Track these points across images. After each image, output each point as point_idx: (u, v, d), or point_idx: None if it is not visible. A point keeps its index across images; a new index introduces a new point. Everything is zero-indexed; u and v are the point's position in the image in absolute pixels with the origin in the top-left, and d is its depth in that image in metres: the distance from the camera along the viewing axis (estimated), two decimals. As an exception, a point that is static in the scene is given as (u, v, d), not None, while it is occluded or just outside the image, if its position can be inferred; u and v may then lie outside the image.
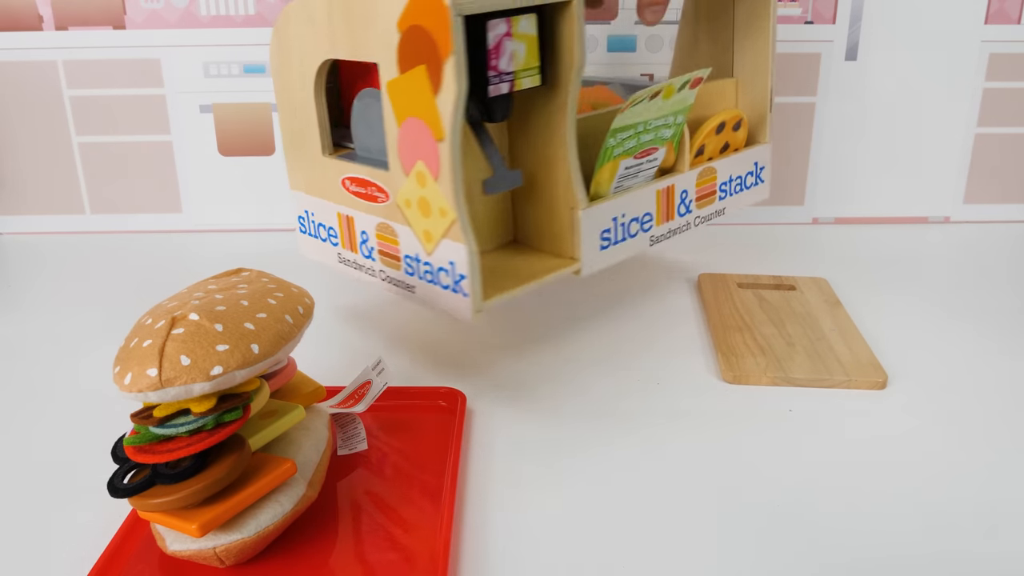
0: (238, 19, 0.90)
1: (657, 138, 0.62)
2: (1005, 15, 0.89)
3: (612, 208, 0.62)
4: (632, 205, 0.63)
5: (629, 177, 0.62)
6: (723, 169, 0.70)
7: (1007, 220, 0.97)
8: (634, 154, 0.61)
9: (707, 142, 0.68)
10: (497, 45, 0.52)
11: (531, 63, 0.55)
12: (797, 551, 0.46)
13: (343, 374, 0.65)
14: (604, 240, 0.62)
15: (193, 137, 0.94)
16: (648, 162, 0.63)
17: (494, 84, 0.53)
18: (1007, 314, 0.74)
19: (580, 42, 0.54)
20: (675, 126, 0.63)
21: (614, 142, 0.59)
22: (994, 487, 0.51)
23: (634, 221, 0.64)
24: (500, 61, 0.53)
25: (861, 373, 0.62)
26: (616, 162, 0.60)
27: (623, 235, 0.64)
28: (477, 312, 0.54)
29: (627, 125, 0.59)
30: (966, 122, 0.93)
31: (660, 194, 0.65)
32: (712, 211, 0.71)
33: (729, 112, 0.70)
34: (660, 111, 0.60)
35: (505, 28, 0.52)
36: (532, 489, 0.52)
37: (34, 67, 0.91)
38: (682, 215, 0.67)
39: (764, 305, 0.74)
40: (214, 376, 0.41)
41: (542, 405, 0.61)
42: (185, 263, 0.89)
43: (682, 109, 0.62)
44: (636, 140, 0.60)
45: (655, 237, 0.66)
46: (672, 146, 0.65)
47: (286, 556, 0.46)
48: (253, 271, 0.51)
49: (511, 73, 0.54)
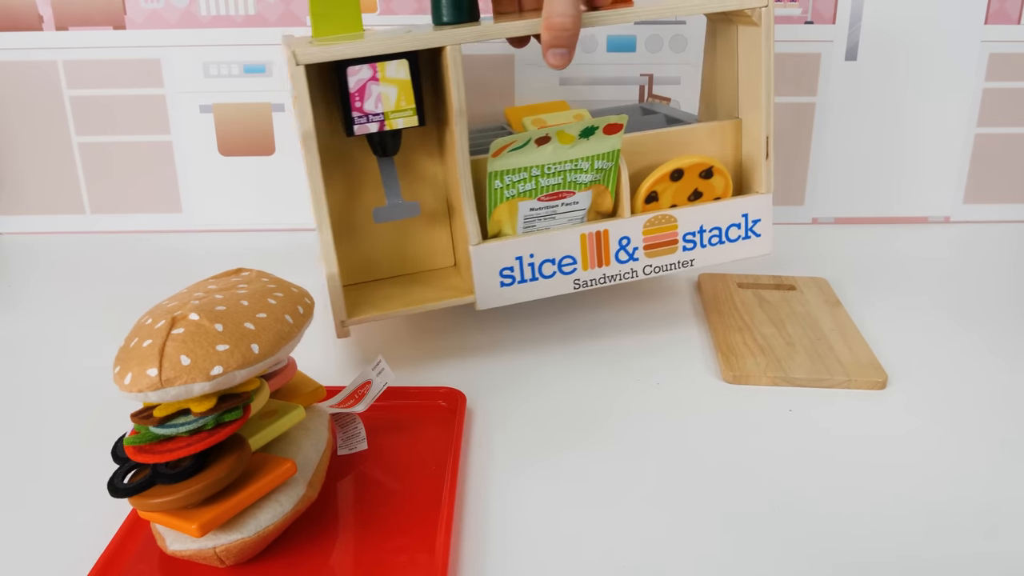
0: (238, 19, 0.90)
1: (571, 182, 0.62)
2: (1005, 15, 0.89)
3: (514, 247, 0.63)
4: (545, 246, 0.63)
5: (543, 219, 0.63)
6: (687, 218, 0.65)
7: (1007, 220, 0.97)
8: (536, 196, 0.62)
9: (659, 189, 0.65)
10: (361, 89, 0.59)
11: (405, 105, 0.60)
12: (796, 551, 0.46)
13: (343, 374, 0.65)
14: (505, 278, 0.63)
15: (193, 137, 0.94)
16: (565, 205, 0.63)
17: (360, 124, 0.60)
18: (1007, 314, 0.74)
19: (458, 86, 0.59)
20: (598, 171, 0.62)
21: (500, 184, 0.61)
22: (994, 487, 0.51)
23: (548, 262, 0.64)
24: (365, 103, 0.59)
25: (861, 373, 0.62)
26: (513, 203, 0.62)
27: (533, 275, 0.64)
28: (342, 326, 0.62)
29: (514, 168, 0.61)
30: (966, 122, 0.93)
31: (586, 238, 0.64)
32: (673, 261, 0.66)
33: (690, 158, 0.65)
34: (558, 156, 0.61)
35: (370, 73, 0.59)
36: (532, 489, 0.52)
37: (34, 67, 0.91)
38: (623, 262, 0.65)
39: (764, 305, 0.74)
40: (214, 376, 0.41)
41: (542, 405, 0.61)
42: (185, 263, 0.89)
43: (604, 155, 0.62)
44: (534, 183, 0.61)
45: (581, 281, 0.65)
46: (609, 191, 0.64)
47: (286, 556, 0.46)
48: (253, 271, 0.51)
49: (380, 114, 0.60)
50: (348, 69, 0.58)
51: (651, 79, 0.92)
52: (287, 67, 0.57)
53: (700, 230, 0.66)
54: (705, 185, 0.66)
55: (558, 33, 0.58)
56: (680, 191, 0.65)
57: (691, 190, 0.65)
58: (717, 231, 0.66)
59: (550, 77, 0.91)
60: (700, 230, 0.66)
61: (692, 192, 0.66)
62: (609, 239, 0.64)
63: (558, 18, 0.58)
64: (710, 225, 0.66)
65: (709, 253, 0.67)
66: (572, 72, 0.91)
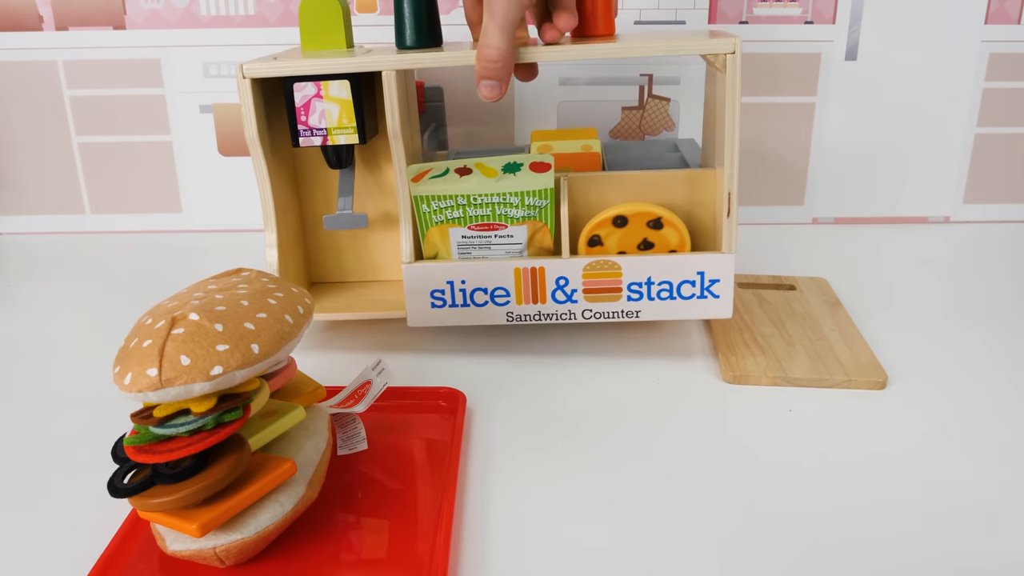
0: (238, 19, 0.90)
1: (501, 215, 0.62)
2: (1005, 15, 0.89)
3: (445, 271, 0.64)
4: (477, 275, 0.64)
5: (478, 247, 0.64)
6: (633, 267, 0.63)
7: (1007, 220, 0.97)
8: (467, 225, 0.63)
9: (603, 233, 0.63)
10: (306, 104, 0.63)
11: (346, 123, 0.63)
12: (797, 551, 0.46)
13: (343, 374, 0.65)
14: (436, 299, 0.65)
15: (193, 137, 0.94)
16: (499, 237, 0.63)
17: (304, 136, 0.64)
18: (1007, 314, 0.74)
19: (393, 108, 0.61)
20: (531, 207, 0.62)
21: (427, 208, 0.63)
22: (994, 487, 0.51)
23: (480, 291, 0.64)
24: (310, 118, 0.63)
25: (861, 373, 0.62)
26: (444, 228, 0.63)
27: (464, 301, 0.64)
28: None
29: (439, 195, 0.62)
30: (966, 122, 0.93)
31: (520, 272, 0.63)
32: (616, 309, 0.64)
33: (636, 206, 0.63)
34: (483, 188, 0.62)
35: (315, 90, 0.62)
36: (532, 489, 0.52)
37: (34, 67, 0.91)
38: (560, 302, 0.64)
39: (764, 305, 0.74)
40: (214, 376, 0.41)
41: (542, 405, 0.61)
42: (185, 263, 0.89)
43: (535, 191, 0.62)
44: (461, 212, 0.63)
45: (515, 315, 0.65)
46: (549, 229, 0.64)
47: (286, 556, 0.46)
48: (253, 271, 0.51)
49: (323, 129, 0.64)
50: (294, 85, 0.62)
51: (651, 79, 0.92)
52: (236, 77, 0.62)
53: (648, 282, 0.63)
54: (656, 236, 0.63)
55: (486, 64, 0.58)
56: (627, 238, 0.63)
57: (640, 239, 0.63)
58: (667, 285, 0.63)
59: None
60: (648, 282, 0.63)
61: (641, 241, 0.63)
62: (546, 277, 0.63)
63: (486, 49, 0.58)
64: (659, 278, 0.63)
65: (657, 307, 0.64)
66: (573, 72, 0.91)
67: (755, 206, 0.97)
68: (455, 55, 0.61)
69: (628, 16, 0.90)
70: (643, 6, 0.88)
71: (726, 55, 0.59)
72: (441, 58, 0.61)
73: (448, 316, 0.65)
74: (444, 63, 0.61)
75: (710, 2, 0.89)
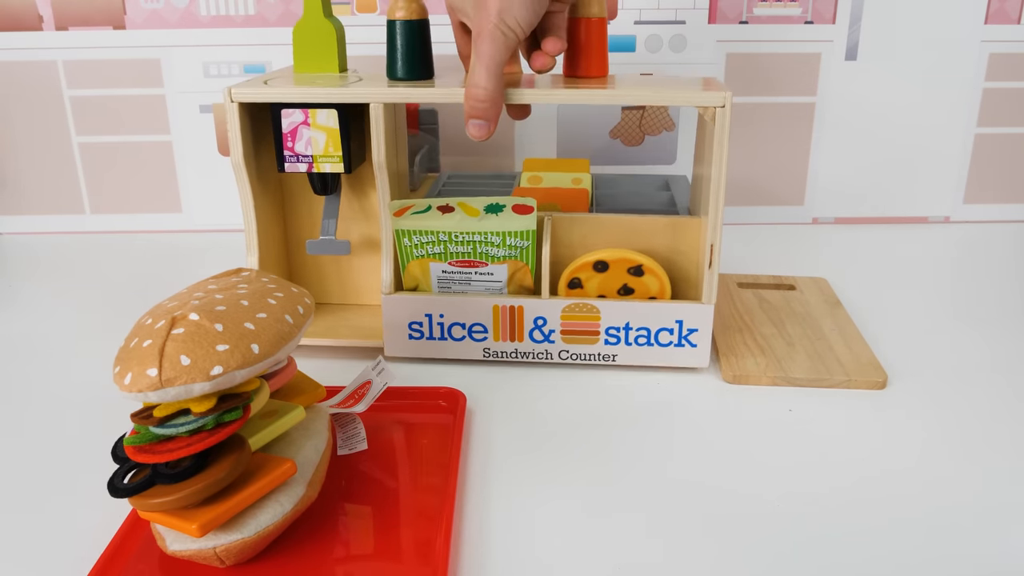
0: (238, 19, 0.90)
1: (482, 253, 0.63)
2: (1005, 15, 0.89)
3: (424, 304, 0.64)
4: (455, 310, 0.64)
5: (458, 283, 0.64)
6: (611, 312, 0.63)
7: (1007, 220, 0.97)
8: (447, 260, 0.63)
9: (583, 277, 0.63)
10: (293, 131, 0.63)
11: (332, 152, 0.63)
12: (796, 551, 0.46)
13: (343, 374, 0.65)
14: (414, 331, 0.65)
15: (193, 137, 0.94)
16: (479, 274, 0.63)
17: (290, 162, 0.64)
18: (1007, 314, 0.74)
19: (380, 142, 0.62)
20: (512, 247, 0.62)
21: (408, 242, 0.63)
22: (994, 487, 0.51)
23: (457, 326, 0.64)
24: (296, 144, 0.63)
25: (861, 373, 0.62)
26: (424, 262, 0.64)
27: (442, 334, 0.65)
28: None
29: (420, 230, 0.62)
30: (966, 122, 0.93)
31: (499, 310, 0.63)
32: (593, 352, 0.64)
33: (617, 252, 0.62)
34: (465, 226, 0.62)
35: (302, 117, 0.62)
36: (532, 489, 0.52)
37: (34, 67, 0.91)
38: (538, 341, 0.64)
39: (764, 305, 0.74)
40: (214, 376, 0.41)
41: (542, 405, 0.61)
42: (185, 263, 0.89)
43: (517, 232, 0.62)
44: (442, 248, 0.63)
45: (492, 351, 0.65)
46: (529, 269, 0.64)
47: (286, 556, 0.45)
48: (253, 271, 0.51)
49: (309, 156, 0.63)
50: (282, 111, 0.62)
51: (651, 79, 0.92)
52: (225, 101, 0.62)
53: (626, 327, 0.63)
54: (636, 282, 0.63)
55: (474, 104, 0.58)
56: (607, 283, 0.63)
57: (620, 284, 0.63)
58: (645, 332, 0.63)
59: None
60: (626, 327, 0.63)
61: (622, 287, 0.63)
62: (524, 316, 0.64)
63: (473, 89, 0.58)
64: (637, 324, 0.63)
65: (635, 353, 0.64)
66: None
67: (755, 206, 0.97)
68: (444, 92, 0.61)
69: (628, 16, 0.90)
70: (643, 6, 0.88)
71: (716, 108, 0.59)
72: (430, 94, 0.61)
73: (425, 348, 0.66)
74: (433, 99, 0.61)
75: (710, 2, 0.89)
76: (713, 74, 0.92)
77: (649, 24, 0.90)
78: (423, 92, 0.61)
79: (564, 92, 0.60)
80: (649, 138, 0.94)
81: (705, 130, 0.63)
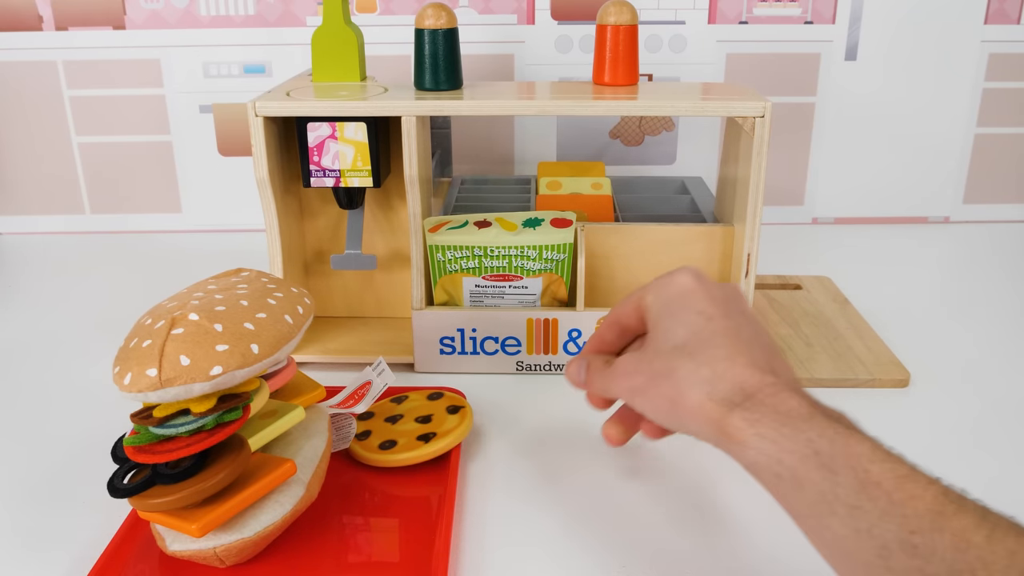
0: (238, 19, 0.90)
1: (517, 267, 0.62)
2: (1005, 15, 0.89)
3: (456, 319, 0.63)
4: (488, 324, 0.63)
5: (491, 297, 0.64)
6: None
7: (1007, 220, 0.97)
8: (481, 275, 0.63)
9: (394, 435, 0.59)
10: (319, 145, 0.61)
11: (361, 165, 0.61)
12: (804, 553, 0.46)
13: (343, 374, 0.65)
14: (446, 346, 0.64)
15: (193, 137, 0.94)
16: (513, 288, 0.63)
17: (316, 177, 0.62)
18: (1007, 314, 0.74)
19: (412, 155, 0.60)
20: (548, 261, 0.62)
21: (442, 257, 0.62)
22: (1017, 482, 0.51)
23: (490, 340, 0.64)
24: (323, 159, 0.61)
25: (884, 372, 0.62)
26: (457, 277, 0.63)
27: (474, 349, 0.64)
28: None
29: (455, 245, 0.62)
30: (966, 122, 0.93)
31: (532, 323, 0.63)
32: None
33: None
34: (501, 241, 0.61)
35: (329, 131, 0.61)
36: (532, 489, 0.52)
37: (34, 67, 0.91)
38: (572, 353, 0.64)
39: (775, 305, 0.74)
40: (214, 376, 0.41)
41: (542, 406, 0.61)
42: (185, 263, 0.89)
43: (554, 246, 0.62)
44: (477, 262, 0.62)
45: (525, 364, 0.64)
46: (564, 281, 0.64)
47: (286, 556, 0.46)
48: (253, 271, 0.51)
49: (336, 171, 0.62)
50: (308, 125, 0.61)
51: (651, 79, 0.92)
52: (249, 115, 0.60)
53: None
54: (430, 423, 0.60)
55: (571, 380, 0.49)
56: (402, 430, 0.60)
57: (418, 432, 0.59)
58: None
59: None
60: None
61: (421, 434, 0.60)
62: (558, 329, 0.63)
63: (584, 386, 0.48)
64: None
65: None
66: (572, 73, 0.91)
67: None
68: (475, 104, 0.61)
69: (628, 16, 0.90)
70: (643, 6, 0.88)
71: (755, 118, 0.58)
72: (462, 106, 0.61)
73: (456, 363, 0.65)
74: (467, 111, 0.61)
75: (710, 2, 0.89)
76: (713, 74, 0.92)
77: (649, 24, 0.89)
78: (455, 105, 0.61)
79: (600, 104, 0.61)
80: (649, 138, 0.94)
81: (735, 133, 0.63)
